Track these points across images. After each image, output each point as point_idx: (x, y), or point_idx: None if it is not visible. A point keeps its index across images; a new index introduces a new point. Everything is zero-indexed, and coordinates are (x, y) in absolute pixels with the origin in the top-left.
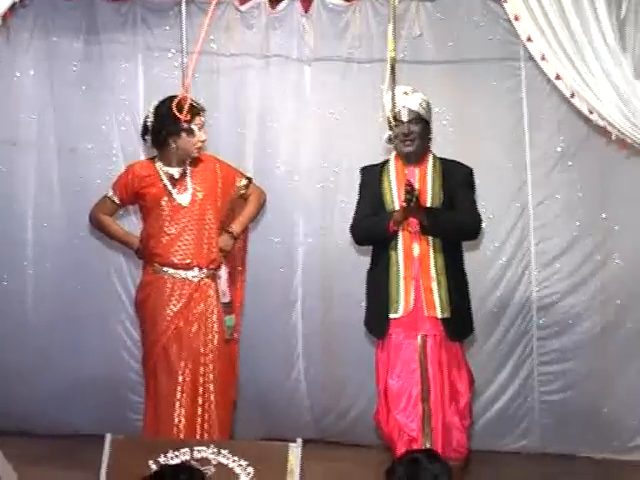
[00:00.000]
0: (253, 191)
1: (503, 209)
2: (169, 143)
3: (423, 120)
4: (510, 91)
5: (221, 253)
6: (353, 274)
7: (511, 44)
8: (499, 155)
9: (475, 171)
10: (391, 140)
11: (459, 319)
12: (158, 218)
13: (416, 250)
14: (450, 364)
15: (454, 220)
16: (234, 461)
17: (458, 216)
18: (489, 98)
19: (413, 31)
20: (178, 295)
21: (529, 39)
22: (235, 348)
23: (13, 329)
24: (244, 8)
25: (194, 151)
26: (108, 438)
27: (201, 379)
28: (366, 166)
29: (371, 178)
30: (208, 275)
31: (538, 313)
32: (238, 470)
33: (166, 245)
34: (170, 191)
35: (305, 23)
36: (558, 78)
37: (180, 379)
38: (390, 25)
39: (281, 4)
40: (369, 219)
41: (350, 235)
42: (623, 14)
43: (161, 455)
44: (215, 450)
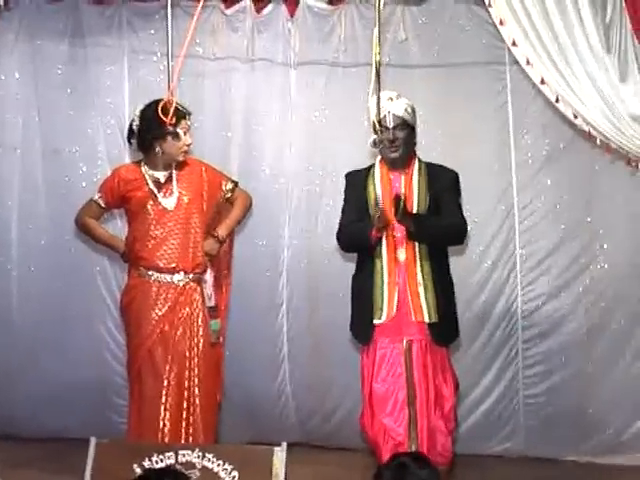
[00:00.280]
0: (239, 195)
1: (488, 212)
2: (155, 147)
3: (408, 126)
4: (495, 95)
5: (207, 257)
6: (338, 277)
7: (496, 48)
8: (484, 158)
9: (460, 174)
10: (376, 144)
11: (445, 324)
12: (144, 222)
13: (402, 255)
14: (435, 368)
15: (440, 225)
16: (219, 465)
17: (444, 221)
18: (474, 102)
19: (398, 35)
20: (163, 299)
21: (514, 43)
22: (220, 351)
23: None
24: (230, 12)
25: (180, 155)
26: (92, 442)
27: (186, 383)
28: (351, 171)
29: (356, 183)
30: (194, 279)
31: (523, 316)
32: (223, 474)
33: (151, 249)
34: (156, 195)
35: (290, 27)
36: (543, 82)
37: (165, 383)
38: (375, 29)
39: (267, 8)
40: (353, 225)
41: (336, 240)
42: (608, 17)
43: (146, 459)
44: (200, 454)
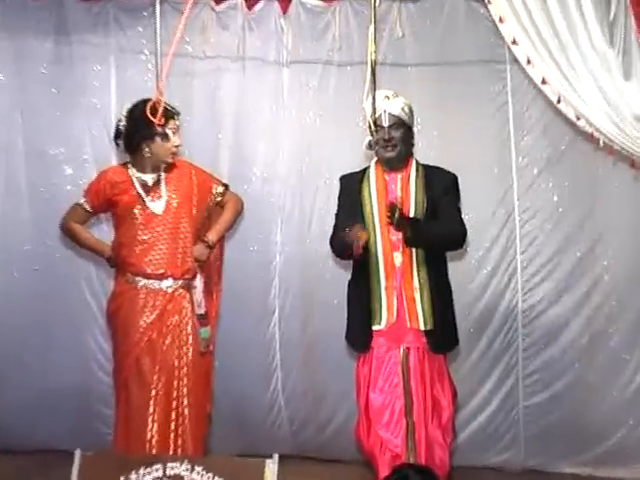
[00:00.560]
0: (230, 198)
1: (488, 216)
2: (142, 148)
3: (405, 125)
4: (495, 95)
5: (196, 263)
6: (333, 283)
7: (496, 46)
8: (483, 161)
9: (459, 177)
10: (372, 146)
11: (443, 331)
12: (131, 226)
13: (398, 260)
14: (433, 377)
15: (438, 231)
16: (208, 478)
17: (442, 226)
18: (473, 102)
19: (395, 33)
20: (151, 306)
21: (514, 42)
22: (210, 360)
23: None
24: (220, 8)
25: (168, 156)
26: (77, 454)
27: (175, 393)
28: (345, 174)
29: (350, 187)
30: (183, 286)
31: (524, 323)
32: None
33: (139, 254)
34: (143, 199)
35: (283, 24)
36: (544, 82)
37: (153, 393)
38: (371, 26)
39: (258, 4)
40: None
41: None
42: (612, 14)
43: (132, 472)
44: (189, 466)
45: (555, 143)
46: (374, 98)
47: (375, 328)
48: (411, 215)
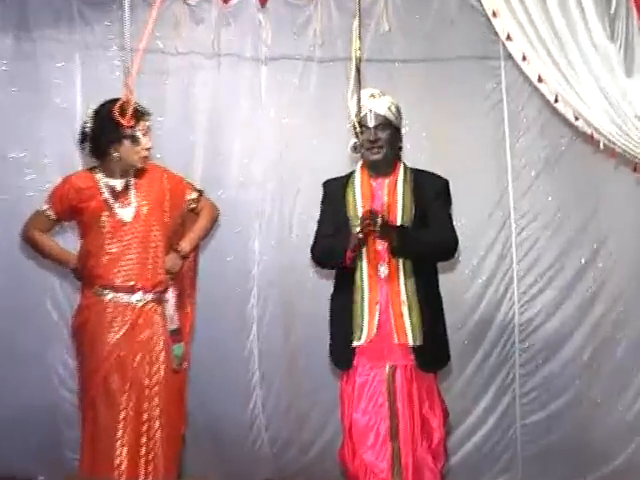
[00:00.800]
0: (204, 205)
1: (482, 222)
2: (110, 152)
3: (392, 126)
4: (488, 93)
5: (168, 274)
6: (315, 294)
7: (489, 42)
8: (477, 163)
9: (451, 181)
10: (357, 149)
11: (433, 347)
12: (98, 235)
13: (384, 271)
14: (422, 397)
15: (428, 239)
16: None
17: (432, 234)
18: (465, 100)
19: (381, 27)
20: (120, 321)
21: (508, 37)
22: (184, 379)
23: None
24: (193, 1)
25: (138, 160)
26: None
27: (145, 414)
28: (329, 179)
29: (334, 193)
30: (154, 299)
31: (521, 336)
32: None
33: (107, 265)
34: (111, 205)
35: (261, 18)
36: (540, 80)
37: (122, 415)
38: (355, 21)
39: None
40: (329, 240)
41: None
42: (613, 8)
43: None
44: None
45: (553, 144)
46: (359, 97)
47: (355, 344)
48: (398, 223)
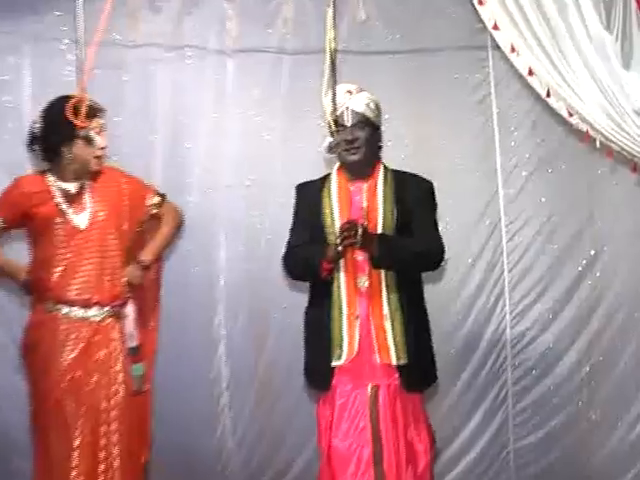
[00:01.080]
0: (167, 210)
1: (470, 228)
2: (63, 153)
3: (371, 124)
4: (475, 87)
5: (128, 287)
6: (289, 307)
7: (476, 31)
8: (463, 163)
9: (436, 182)
10: (332, 149)
11: (418, 366)
12: (50, 244)
13: (364, 283)
14: (407, 419)
15: (412, 248)
16: None
17: (416, 243)
18: (450, 95)
19: (358, 15)
20: (75, 338)
21: (495, 27)
22: (146, 401)
23: None
24: None
25: (93, 162)
26: None
27: (103, 441)
28: (302, 183)
29: (308, 197)
30: (111, 314)
31: (513, 351)
32: None
33: (60, 277)
34: (65, 211)
35: (227, 6)
36: (531, 73)
37: (77, 442)
38: (330, 9)
39: None
40: (303, 249)
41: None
42: None
43: None
44: None
45: (546, 142)
46: (334, 93)
47: (335, 364)
48: (379, 230)
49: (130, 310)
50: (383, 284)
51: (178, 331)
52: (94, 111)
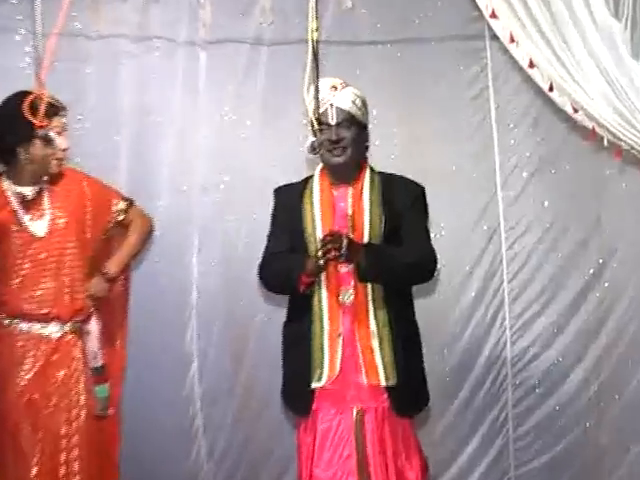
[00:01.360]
0: (135, 217)
1: (466, 234)
2: (19, 154)
3: (357, 123)
4: (472, 80)
5: (91, 301)
6: (269, 322)
7: (472, 19)
8: (459, 164)
9: (428, 185)
10: (315, 149)
11: (409, 387)
12: (5, 253)
13: (349, 297)
14: (396, 446)
15: (402, 260)
16: None
17: (407, 253)
18: (444, 89)
19: (343, 3)
20: (32, 357)
21: (493, 15)
22: (113, 426)
23: None
24: None
25: (53, 164)
26: None
27: (62, 469)
28: (281, 186)
29: (288, 202)
30: (73, 330)
31: (514, 369)
32: None
33: (16, 290)
34: (21, 217)
35: None
36: (532, 65)
37: (34, 470)
38: None
39: None
40: (281, 260)
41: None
42: None
43: None
44: None
45: (549, 140)
46: (317, 88)
47: (314, 386)
48: (365, 239)
49: (93, 326)
50: (370, 298)
51: (148, 348)
52: (54, 109)
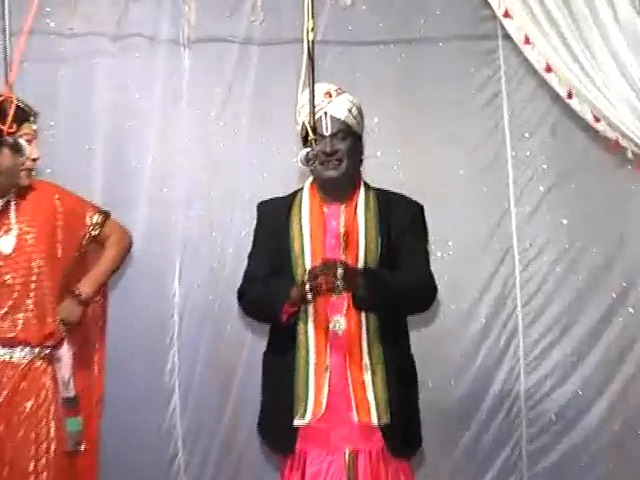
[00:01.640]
0: (112, 231)
1: (476, 255)
2: None
3: (352, 133)
4: (483, 84)
5: (63, 325)
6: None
7: (484, 18)
8: (469, 176)
9: (434, 200)
10: (310, 160)
11: (405, 426)
12: None
13: (340, 326)
14: None
15: (401, 285)
16: None
17: (406, 279)
18: (452, 94)
19: (341, 0)
20: None
21: (507, 14)
22: (90, 463)
23: None
24: None
25: (22, 175)
26: None
27: None
28: (266, 201)
29: (273, 219)
30: (42, 356)
31: (528, 404)
32: None
33: None
34: None
35: None
36: (549, 70)
37: None
38: None
39: None
40: (263, 285)
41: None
42: None
43: None
44: None
45: (567, 151)
46: (312, 92)
47: (297, 423)
48: (360, 263)
49: (65, 353)
50: (363, 328)
51: (123, 377)
52: (24, 114)
